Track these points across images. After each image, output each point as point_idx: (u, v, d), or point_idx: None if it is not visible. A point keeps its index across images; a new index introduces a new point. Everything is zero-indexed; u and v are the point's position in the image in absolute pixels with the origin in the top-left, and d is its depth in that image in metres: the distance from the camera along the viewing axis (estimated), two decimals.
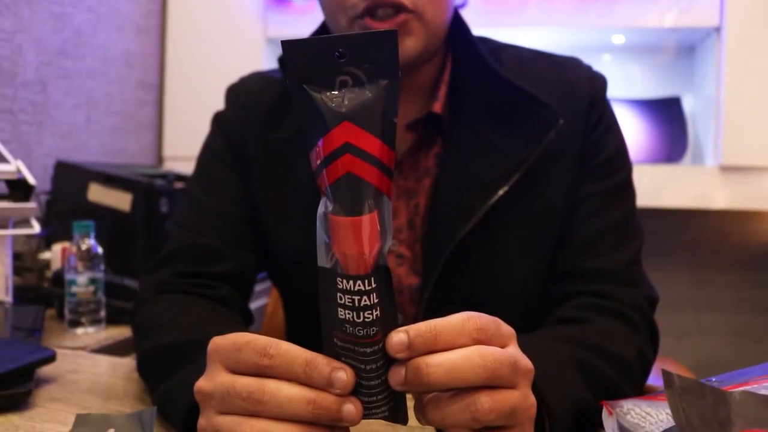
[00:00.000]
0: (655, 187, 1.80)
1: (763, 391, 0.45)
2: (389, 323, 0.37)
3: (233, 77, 2.05)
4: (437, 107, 0.74)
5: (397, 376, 0.38)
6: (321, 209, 0.36)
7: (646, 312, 0.70)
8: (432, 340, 0.37)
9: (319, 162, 0.36)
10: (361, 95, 0.35)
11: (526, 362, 0.41)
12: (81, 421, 0.53)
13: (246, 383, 0.39)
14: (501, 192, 0.69)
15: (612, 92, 2.03)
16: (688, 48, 2.02)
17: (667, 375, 0.35)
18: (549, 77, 0.77)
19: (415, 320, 0.73)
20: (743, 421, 0.31)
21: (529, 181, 0.71)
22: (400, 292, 0.76)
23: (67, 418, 0.59)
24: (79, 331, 1.00)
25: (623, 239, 0.73)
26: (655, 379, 0.93)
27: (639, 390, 0.64)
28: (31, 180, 1.08)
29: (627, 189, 0.76)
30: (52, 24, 1.61)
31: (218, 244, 0.76)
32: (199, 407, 0.43)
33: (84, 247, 0.99)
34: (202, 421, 0.42)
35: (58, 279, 1.07)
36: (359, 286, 0.35)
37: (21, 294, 1.09)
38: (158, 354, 0.61)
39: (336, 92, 0.35)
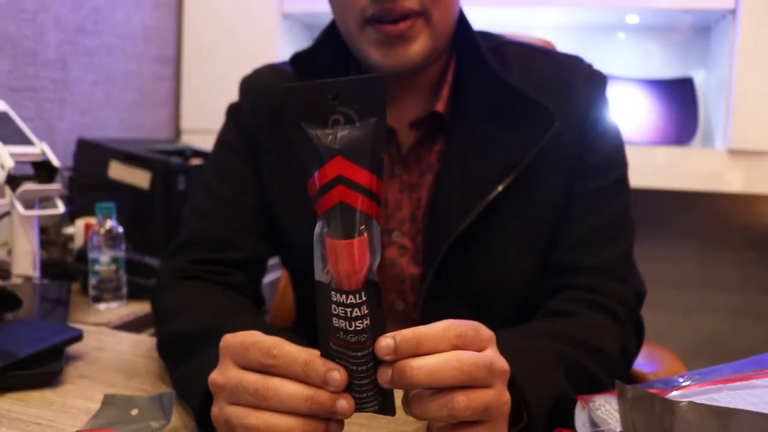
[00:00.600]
0: (665, 168, 1.82)
1: (724, 393, 0.50)
2: (378, 330, 0.42)
3: (249, 52, 2.10)
4: (440, 106, 0.77)
5: (384, 376, 0.43)
6: (317, 230, 0.41)
7: (632, 307, 0.74)
8: (415, 346, 0.42)
9: (315, 191, 0.40)
10: (352, 132, 0.40)
11: (501, 364, 0.46)
12: (108, 401, 0.59)
13: (252, 379, 0.44)
14: (498, 190, 0.73)
15: (625, 71, 2.04)
16: (703, 28, 2.01)
17: (620, 386, 0.40)
18: (550, 77, 0.80)
19: (415, 308, 0.78)
20: (686, 429, 0.36)
21: (526, 179, 0.74)
22: (402, 281, 0.80)
23: (95, 395, 0.65)
24: (102, 306, 1.06)
25: (614, 236, 0.77)
26: (645, 366, 0.97)
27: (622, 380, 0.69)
28: (55, 162, 1.13)
29: (620, 188, 0.79)
30: (72, 2, 1.65)
31: (231, 232, 0.81)
32: (213, 396, 0.49)
33: (106, 227, 1.05)
34: (215, 410, 0.48)
35: (82, 256, 1.13)
36: (351, 299, 0.40)
37: (47, 269, 1.14)
38: (175, 340, 0.67)
39: (329, 130, 0.40)
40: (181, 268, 0.79)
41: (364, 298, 0.41)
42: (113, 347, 0.81)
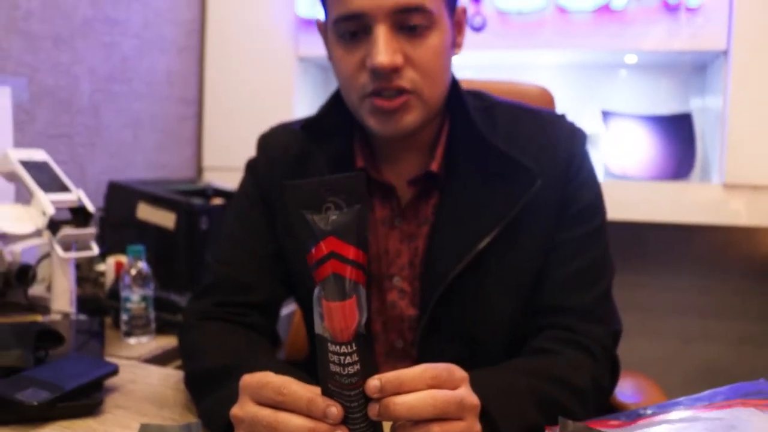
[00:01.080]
0: (665, 202, 1.90)
1: (669, 425, 0.58)
2: (367, 373, 0.52)
3: (267, 93, 2.23)
4: (434, 166, 0.87)
5: (373, 410, 0.53)
6: (316, 293, 0.52)
7: (608, 346, 0.82)
8: (397, 386, 0.52)
9: (313, 263, 0.51)
10: (341, 217, 0.51)
11: (471, 399, 0.56)
12: (143, 429, 0.68)
13: (266, 414, 0.54)
14: (485, 242, 0.82)
15: (626, 108, 2.12)
16: (700, 66, 2.10)
17: (563, 421, 0.48)
18: (535, 136, 0.89)
19: (412, 345, 0.87)
20: None
21: (511, 231, 0.84)
22: (402, 321, 0.89)
23: (131, 423, 0.75)
24: (132, 341, 1.16)
25: (593, 280, 0.85)
26: (627, 397, 1.05)
27: (593, 413, 0.77)
28: (90, 207, 1.24)
29: (598, 235, 0.88)
30: (103, 53, 1.78)
31: (250, 277, 0.91)
32: (233, 427, 0.58)
33: (137, 269, 1.15)
34: None
35: (114, 293, 1.24)
36: (344, 349, 0.50)
37: (82, 305, 1.25)
38: (200, 376, 0.77)
39: (323, 215, 0.51)
40: (205, 310, 0.89)
41: (354, 348, 0.51)
42: (144, 380, 0.91)
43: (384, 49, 0.77)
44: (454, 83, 0.90)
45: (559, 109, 2.08)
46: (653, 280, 2.21)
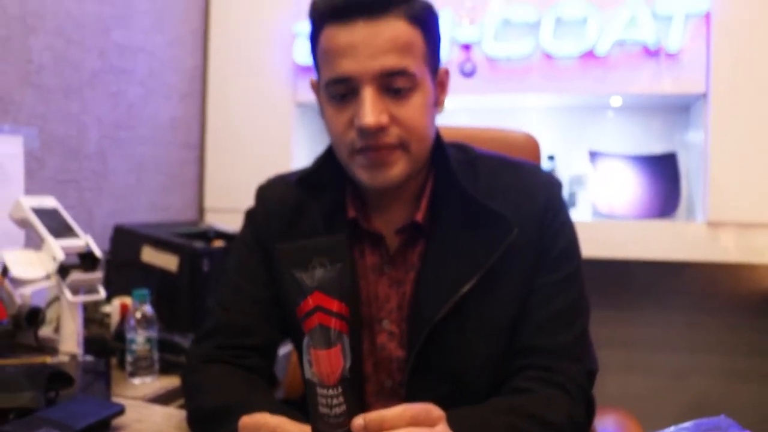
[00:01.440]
0: (650, 240, 1.96)
1: None
2: (353, 413, 0.58)
3: (266, 137, 2.32)
4: (419, 216, 0.94)
5: None
6: (305, 342, 0.58)
7: (583, 384, 0.87)
8: (379, 424, 0.58)
9: (301, 315, 0.58)
10: (326, 274, 0.58)
11: None
12: None
13: None
14: (466, 288, 0.88)
15: (614, 148, 2.19)
16: (683, 107, 2.18)
17: None
18: (514, 185, 0.96)
19: (401, 385, 0.93)
20: None
21: (491, 277, 0.89)
22: (390, 362, 0.95)
23: None
24: (137, 381, 1.21)
25: (569, 321, 0.91)
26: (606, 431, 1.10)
27: None
28: (97, 253, 1.31)
29: (574, 279, 0.94)
30: (110, 102, 1.87)
31: (249, 322, 0.96)
32: None
33: (141, 312, 1.21)
34: None
35: (120, 335, 1.29)
36: (331, 392, 0.57)
37: (88, 345, 1.30)
38: (203, 415, 0.83)
39: (309, 272, 0.59)
40: (207, 353, 0.95)
41: (340, 391, 0.57)
42: (149, 418, 0.96)
43: (370, 111, 0.84)
44: (437, 137, 0.97)
45: (548, 150, 2.18)
46: (643, 317, 2.26)
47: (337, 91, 0.87)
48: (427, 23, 0.89)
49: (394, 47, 0.84)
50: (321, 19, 0.88)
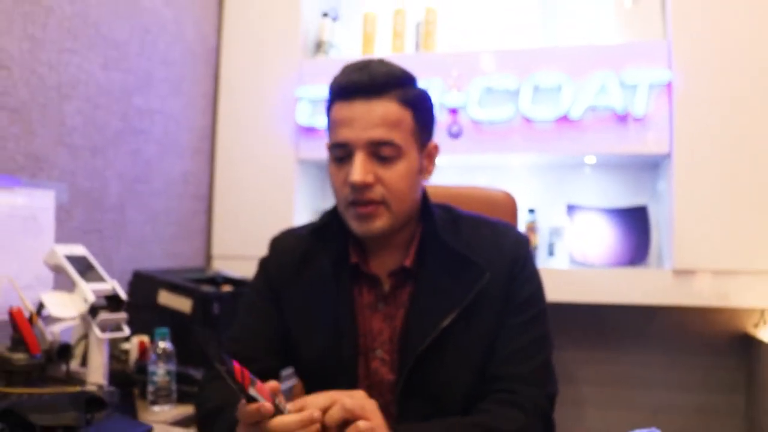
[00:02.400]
0: (623, 286, 2.14)
1: None
2: None
3: (270, 190, 2.51)
4: (408, 262, 1.11)
5: None
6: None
7: (542, 404, 1.03)
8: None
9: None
10: None
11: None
12: None
13: None
14: (446, 322, 1.05)
15: (588, 202, 2.39)
16: (653, 164, 2.38)
17: None
18: (488, 241, 1.13)
19: (391, 404, 1.08)
20: None
21: (468, 315, 1.06)
22: (383, 384, 1.11)
23: None
24: (157, 408, 1.37)
25: (532, 354, 1.07)
26: None
27: None
28: (122, 295, 1.48)
29: (538, 320, 1.10)
30: (130, 159, 2.06)
31: (253, 352, 1.12)
32: None
33: (162, 348, 1.37)
34: None
35: (141, 368, 1.45)
36: None
37: (112, 378, 1.46)
38: (203, 415, 1.06)
39: None
40: (214, 376, 1.12)
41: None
42: None
43: (358, 170, 1.03)
44: (425, 197, 1.15)
45: (529, 204, 2.36)
46: (623, 357, 2.42)
47: (337, 153, 1.06)
48: (417, 105, 1.08)
49: (383, 123, 1.03)
50: (332, 96, 1.08)
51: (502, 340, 1.08)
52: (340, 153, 1.06)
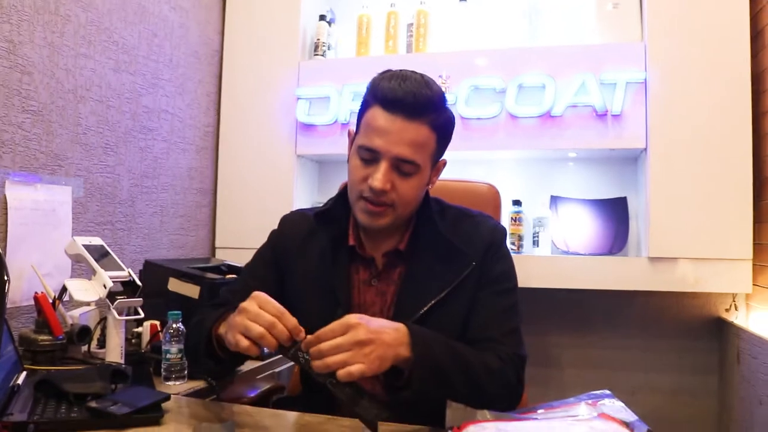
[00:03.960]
0: (603, 273, 2.28)
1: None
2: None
3: (270, 184, 2.65)
4: (401, 246, 1.26)
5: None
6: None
7: (515, 362, 1.17)
8: (316, 338, 0.98)
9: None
10: None
11: (353, 320, 1.01)
12: (196, 428, 1.04)
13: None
14: (433, 302, 1.20)
15: (570, 194, 2.52)
16: (632, 158, 2.52)
17: (449, 402, 0.84)
18: (468, 230, 1.28)
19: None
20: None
21: (451, 295, 1.21)
22: None
23: (184, 430, 1.09)
24: (170, 383, 1.51)
25: (502, 321, 1.21)
26: None
27: (493, 388, 1.11)
28: (138, 282, 1.62)
29: (507, 294, 1.25)
30: (139, 155, 2.20)
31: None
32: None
33: (174, 328, 1.51)
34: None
35: (156, 348, 1.59)
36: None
37: (127, 358, 1.60)
38: (190, 329, 1.25)
39: None
40: (205, 309, 1.29)
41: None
42: (187, 405, 1.26)
43: (381, 178, 1.16)
44: (426, 195, 1.29)
45: (514, 196, 2.50)
46: (602, 340, 2.56)
47: (364, 155, 1.19)
48: (443, 130, 1.21)
49: (412, 144, 1.16)
50: (376, 97, 1.17)
51: (477, 310, 1.23)
52: (367, 156, 1.18)
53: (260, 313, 1.00)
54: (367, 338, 0.98)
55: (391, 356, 1.01)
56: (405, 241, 1.27)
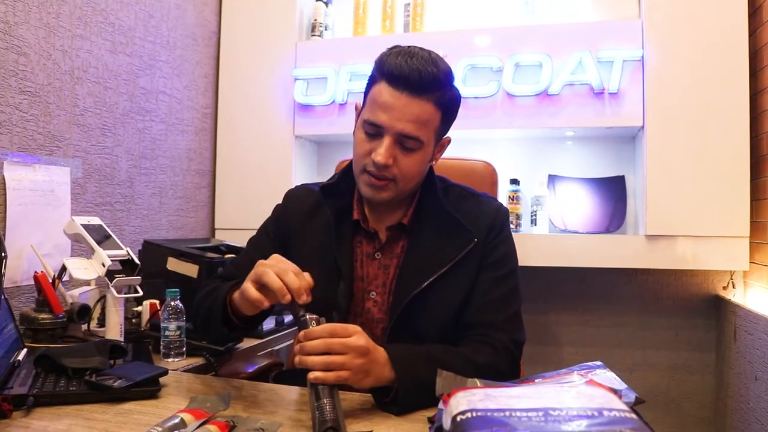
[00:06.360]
0: (600, 251, 2.29)
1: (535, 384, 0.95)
2: None
3: (269, 165, 2.67)
4: (405, 220, 1.27)
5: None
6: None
7: (510, 347, 1.19)
8: (306, 336, 0.99)
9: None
10: None
11: (357, 342, 1.00)
12: (193, 399, 1.05)
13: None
14: (434, 277, 1.21)
15: (568, 172, 2.53)
16: (630, 136, 2.52)
17: (439, 371, 0.86)
18: (472, 209, 1.29)
19: (379, 340, 1.24)
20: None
21: (453, 270, 1.22)
22: (373, 323, 1.26)
23: (180, 401, 1.11)
24: (169, 360, 1.53)
25: (502, 306, 1.23)
26: None
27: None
28: (136, 260, 1.63)
29: (508, 276, 1.26)
30: (137, 136, 2.21)
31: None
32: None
33: (173, 306, 1.53)
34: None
35: (155, 326, 1.61)
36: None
37: (127, 336, 1.62)
38: (198, 301, 1.25)
39: None
40: (210, 284, 1.30)
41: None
42: (184, 380, 1.28)
43: (384, 153, 1.17)
44: (430, 171, 1.31)
45: (512, 174, 2.50)
46: (600, 318, 2.58)
47: (369, 129, 1.20)
48: (448, 108, 1.22)
49: (416, 120, 1.17)
50: (382, 72, 1.18)
51: (477, 292, 1.24)
52: (371, 130, 1.20)
53: (279, 266, 1.04)
54: (356, 345, 1.01)
55: (375, 376, 1.04)
56: (408, 216, 1.28)
